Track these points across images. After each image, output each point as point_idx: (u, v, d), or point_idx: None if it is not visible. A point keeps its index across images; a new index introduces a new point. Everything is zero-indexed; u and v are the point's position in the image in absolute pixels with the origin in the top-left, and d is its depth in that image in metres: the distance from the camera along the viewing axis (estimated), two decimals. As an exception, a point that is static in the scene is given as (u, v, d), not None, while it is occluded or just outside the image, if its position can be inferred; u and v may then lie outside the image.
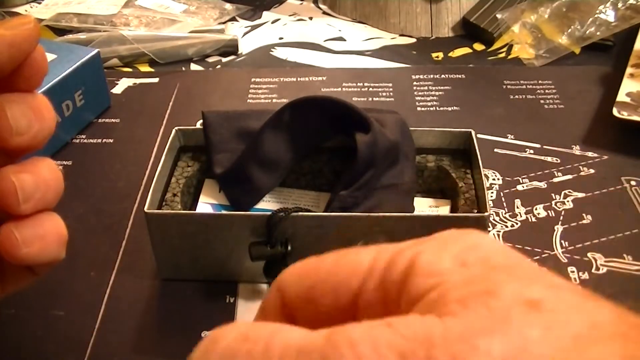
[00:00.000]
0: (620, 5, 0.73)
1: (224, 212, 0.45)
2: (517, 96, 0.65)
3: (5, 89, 0.25)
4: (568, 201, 0.51)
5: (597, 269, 0.45)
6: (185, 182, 0.46)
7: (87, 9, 0.80)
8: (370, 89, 0.66)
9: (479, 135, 0.58)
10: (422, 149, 0.48)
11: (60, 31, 0.77)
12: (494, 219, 0.49)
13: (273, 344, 0.15)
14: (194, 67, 0.72)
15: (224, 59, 0.74)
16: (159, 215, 0.41)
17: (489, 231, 0.47)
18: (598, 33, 0.72)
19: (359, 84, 0.67)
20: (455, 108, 0.63)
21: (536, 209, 0.50)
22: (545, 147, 0.57)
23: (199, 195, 0.47)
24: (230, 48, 0.74)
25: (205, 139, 0.47)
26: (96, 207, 0.51)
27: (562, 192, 0.51)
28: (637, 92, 0.59)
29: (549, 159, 0.55)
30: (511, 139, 0.58)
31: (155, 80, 0.69)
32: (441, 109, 0.63)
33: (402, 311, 0.16)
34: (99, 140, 0.59)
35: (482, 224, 0.40)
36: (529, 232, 0.48)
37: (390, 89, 0.66)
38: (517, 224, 0.49)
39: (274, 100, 0.65)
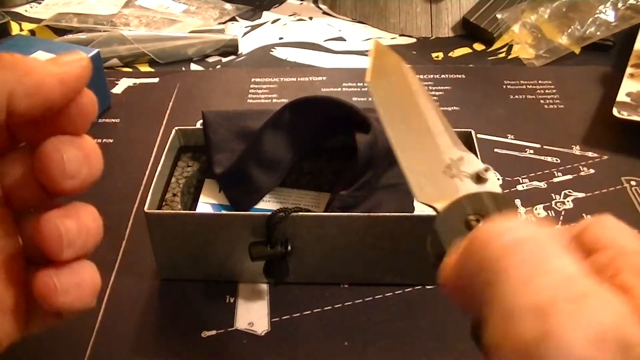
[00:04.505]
0: (620, 5, 0.73)
1: (224, 212, 0.44)
2: (517, 96, 0.65)
3: (52, 130, 0.24)
4: (568, 201, 0.51)
5: (597, 269, 0.44)
6: (185, 182, 0.46)
7: (87, 9, 0.80)
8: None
9: (479, 135, 0.58)
10: (422, 149, 0.48)
11: (60, 31, 0.77)
12: (494, 219, 0.49)
13: None
14: (194, 67, 0.72)
15: (224, 59, 0.74)
16: (159, 215, 0.41)
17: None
18: (598, 33, 0.72)
19: (359, 84, 0.67)
20: (455, 108, 0.63)
21: (536, 209, 0.50)
22: (545, 147, 0.57)
23: (199, 195, 0.47)
24: (230, 48, 0.74)
25: (205, 139, 0.47)
26: (96, 207, 0.51)
27: (562, 192, 0.52)
28: (637, 92, 0.59)
29: (549, 159, 0.55)
30: (511, 139, 0.58)
31: (155, 80, 0.69)
32: (441, 109, 0.63)
33: None
34: (99, 140, 0.59)
35: (482, 224, 0.40)
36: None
37: (390, 89, 0.66)
38: (517, 224, 0.49)
39: (274, 100, 0.65)
